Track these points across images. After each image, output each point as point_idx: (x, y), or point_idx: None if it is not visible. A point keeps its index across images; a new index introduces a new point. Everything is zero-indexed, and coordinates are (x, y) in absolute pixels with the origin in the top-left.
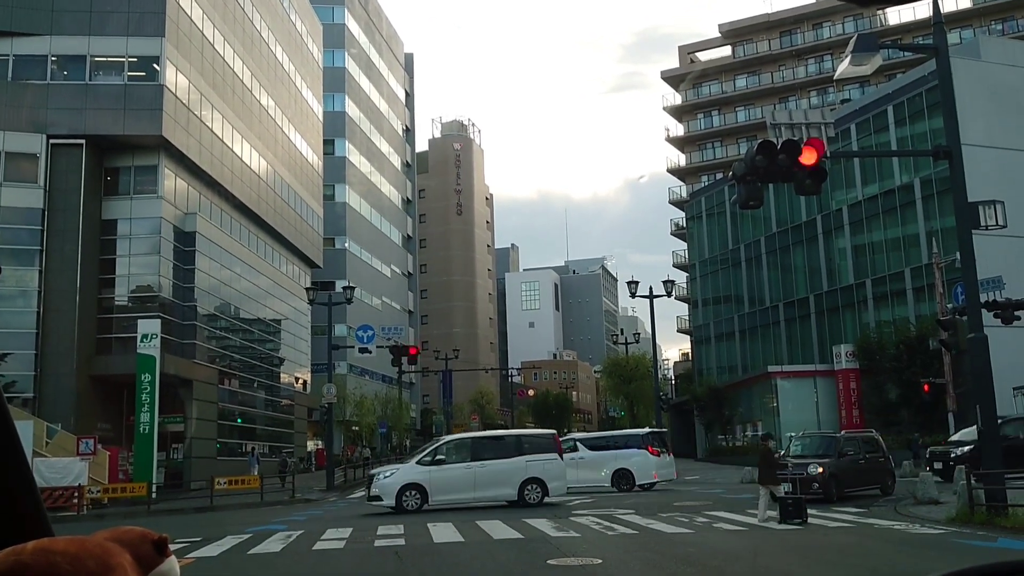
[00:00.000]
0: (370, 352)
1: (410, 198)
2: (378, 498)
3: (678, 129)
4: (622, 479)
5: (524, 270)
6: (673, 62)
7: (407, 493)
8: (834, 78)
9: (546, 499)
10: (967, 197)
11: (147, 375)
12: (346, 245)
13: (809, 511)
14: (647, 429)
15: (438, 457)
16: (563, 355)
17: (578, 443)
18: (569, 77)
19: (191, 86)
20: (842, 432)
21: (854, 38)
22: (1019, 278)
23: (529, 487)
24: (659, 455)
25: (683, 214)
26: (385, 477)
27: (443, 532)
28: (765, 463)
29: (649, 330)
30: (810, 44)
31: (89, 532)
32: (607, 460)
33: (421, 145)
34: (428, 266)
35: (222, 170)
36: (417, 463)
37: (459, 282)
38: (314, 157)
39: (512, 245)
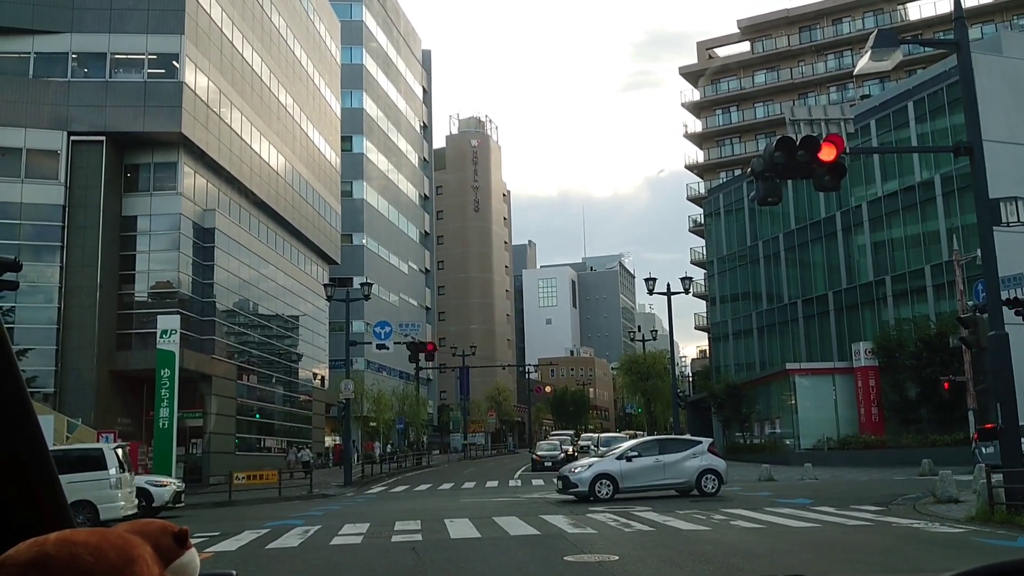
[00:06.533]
0: (387, 348)
1: (427, 194)
2: None
3: (696, 125)
4: None
5: (541, 267)
6: (685, 59)
7: None
8: (854, 74)
9: None
10: (988, 193)
11: (167, 370)
12: (364, 241)
13: (827, 509)
14: None
15: None
16: (580, 352)
17: None
18: (584, 75)
19: (210, 83)
20: None
21: (874, 34)
22: None
23: None
24: None
25: (701, 211)
26: None
27: (460, 528)
28: None
29: (666, 327)
30: (829, 40)
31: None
32: None
33: (438, 142)
34: (445, 262)
35: (241, 167)
36: None
37: (476, 279)
38: (332, 154)
39: (529, 242)
